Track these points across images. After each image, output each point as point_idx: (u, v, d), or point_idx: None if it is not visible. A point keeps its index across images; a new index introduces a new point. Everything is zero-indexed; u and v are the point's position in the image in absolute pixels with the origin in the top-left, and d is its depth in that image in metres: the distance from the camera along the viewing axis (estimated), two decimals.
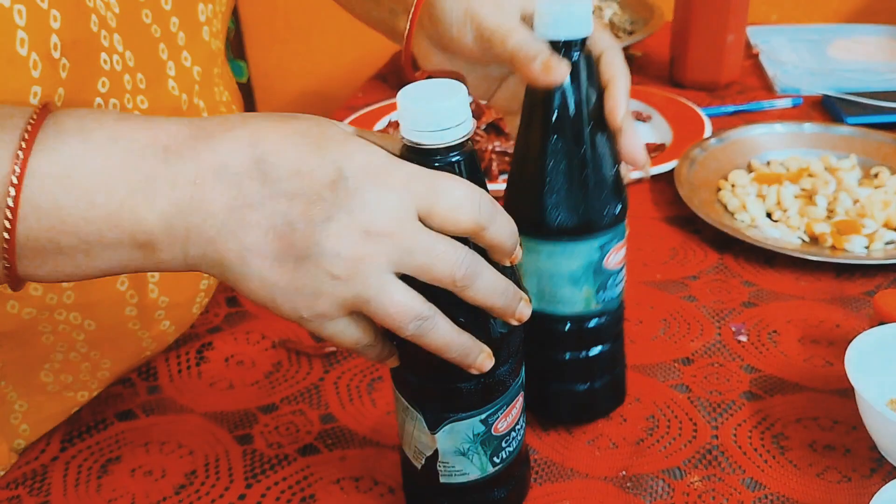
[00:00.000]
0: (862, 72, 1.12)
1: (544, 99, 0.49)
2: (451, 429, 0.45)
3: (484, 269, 0.40)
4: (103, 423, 0.60)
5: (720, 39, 1.07)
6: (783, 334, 0.66)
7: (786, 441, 0.56)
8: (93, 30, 0.48)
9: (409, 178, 0.38)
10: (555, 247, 0.51)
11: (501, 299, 0.41)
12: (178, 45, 0.56)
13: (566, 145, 0.49)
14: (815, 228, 0.77)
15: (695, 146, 0.89)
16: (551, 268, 0.51)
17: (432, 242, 0.38)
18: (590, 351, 0.55)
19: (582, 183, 0.50)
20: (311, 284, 0.38)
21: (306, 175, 0.37)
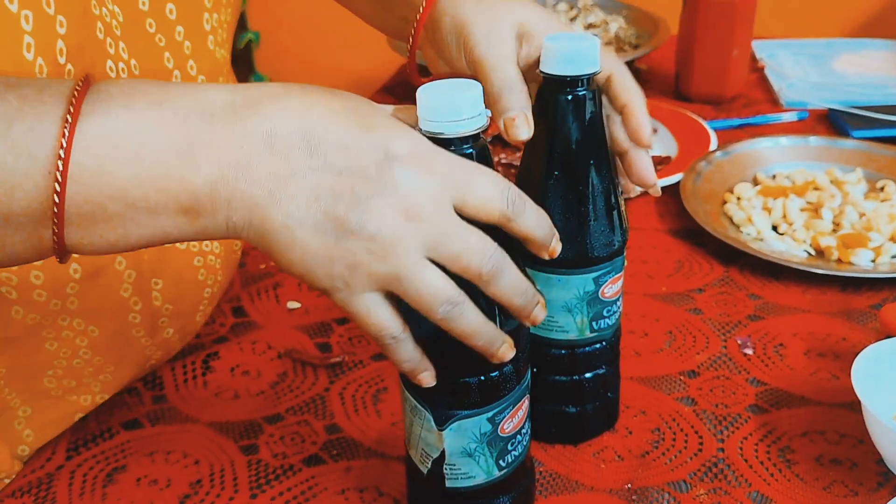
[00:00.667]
0: (867, 86, 1.12)
1: (548, 133, 0.49)
2: (458, 427, 0.45)
3: (509, 266, 0.40)
4: (109, 432, 0.60)
5: (725, 53, 1.08)
6: (789, 347, 0.66)
7: (792, 455, 0.56)
8: (98, 37, 0.49)
9: (448, 167, 0.39)
10: (549, 277, 0.51)
11: (521, 298, 0.42)
12: (184, 53, 0.56)
13: (566, 181, 0.50)
14: (820, 242, 0.77)
15: (700, 159, 0.90)
16: (546, 295, 0.51)
17: (466, 232, 0.39)
18: (583, 375, 0.55)
19: (580, 218, 0.50)
20: (349, 257, 0.38)
21: (353, 152, 0.38)
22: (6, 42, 0.43)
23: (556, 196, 0.50)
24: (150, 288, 0.57)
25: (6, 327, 0.52)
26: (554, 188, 0.50)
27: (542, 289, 0.50)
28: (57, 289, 0.52)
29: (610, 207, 0.51)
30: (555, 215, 0.49)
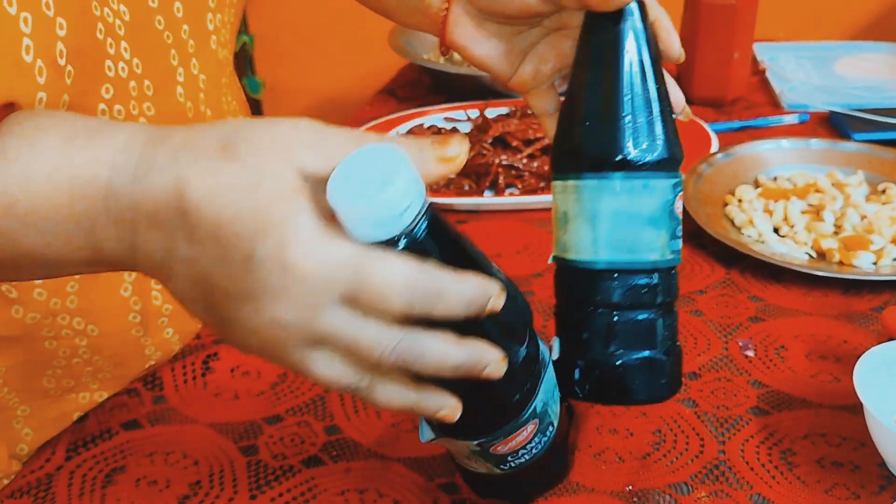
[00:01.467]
0: (869, 88, 1.12)
1: (616, 32, 0.47)
2: (447, 441, 0.45)
3: (427, 347, 0.36)
4: (108, 432, 0.60)
5: (727, 56, 1.08)
6: (790, 350, 0.66)
7: (794, 457, 0.56)
8: (98, 37, 0.49)
9: (325, 268, 0.35)
10: (636, 182, 0.47)
11: (455, 371, 0.37)
12: (188, 52, 0.56)
13: (642, 78, 0.47)
14: (822, 244, 0.77)
15: (701, 161, 0.89)
16: (631, 208, 0.47)
17: (347, 334, 0.36)
18: (670, 309, 0.50)
19: (663, 115, 0.48)
20: (239, 343, 0.38)
21: (222, 246, 0.35)
22: (5, 44, 0.43)
23: (637, 95, 0.47)
24: (150, 288, 0.57)
25: (6, 326, 0.52)
26: (632, 86, 0.47)
27: (627, 201, 0.47)
28: (57, 288, 0.52)
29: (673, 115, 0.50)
30: (640, 116, 0.47)
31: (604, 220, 0.48)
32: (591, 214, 0.48)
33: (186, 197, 0.35)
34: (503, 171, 0.91)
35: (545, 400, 0.46)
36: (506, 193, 0.90)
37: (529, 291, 0.74)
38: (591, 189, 0.48)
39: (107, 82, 0.50)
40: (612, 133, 0.47)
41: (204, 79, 0.58)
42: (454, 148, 0.38)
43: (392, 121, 1.05)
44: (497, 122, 0.98)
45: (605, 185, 0.47)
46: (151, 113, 0.54)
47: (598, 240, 0.48)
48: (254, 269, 0.35)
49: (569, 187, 0.49)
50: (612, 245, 0.48)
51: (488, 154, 0.93)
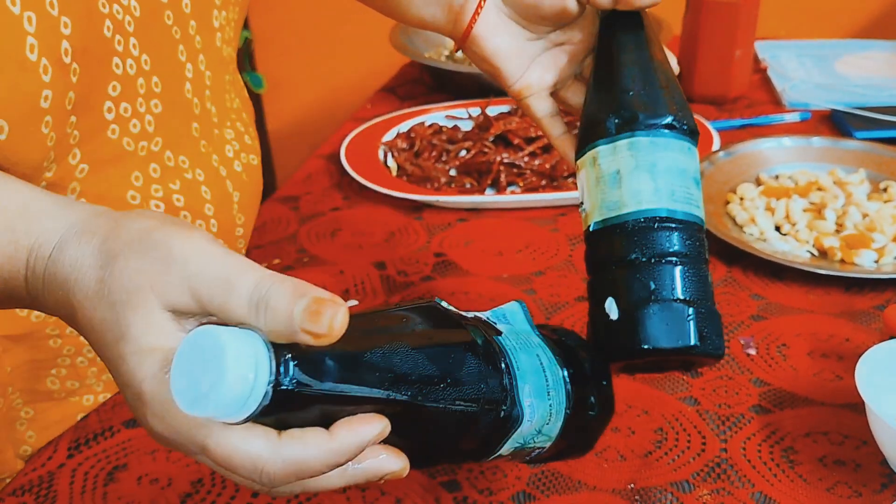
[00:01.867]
0: (870, 87, 1.12)
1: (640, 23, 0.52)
2: None
3: (309, 488, 0.35)
4: (110, 430, 0.60)
5: (728, 54, 1.07)
6: (792, 348, 0.66)
7: (795, 455, 0.56)
8: (106, 35, 0.49)
9: (176, 435, 0.34)
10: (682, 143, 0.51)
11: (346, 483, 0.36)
12: (195, 48, 0.57)
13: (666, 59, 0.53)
14: (824, 242, 0.77)
15: (703, 159, 0.89)
16: (682, 164, 0.51)
17: (225, 473, 0.34)
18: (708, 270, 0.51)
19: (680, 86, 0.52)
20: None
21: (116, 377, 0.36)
22: (9, 43, 0.43)
23: (666, 71, 0.52)
24: None
25: (12, 325, 0.52)
26: (662, 65, 0.52)
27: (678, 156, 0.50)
28: None
29: None
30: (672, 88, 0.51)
31: (662, 172, 0.50)
32: (649, 166, 0.50)
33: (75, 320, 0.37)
34: (505, 169, 0.91)
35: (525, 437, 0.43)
36: (507, 191, 0.90)
37: (531, 290, 0.74)
38: (648, 145, 0.50)
39: (114, 80, 0.50)
40: (659, 99, 0.51)
41: (210, 75, 0.59)
42: (323, 323, 0.32)
43: (393, 119, 1.05)
44: (499, 120, 0.98)
45: (660, 141, 0.50)
46: (158, 110, 0.54)
47: (658, 189, 0.50)
48: (126, 395, 0.35)
49: (620, 147, 0.50)
50: (671, 195, 0.50)
51: (490, 152, 0.93)
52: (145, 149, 0.55)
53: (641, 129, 0.50)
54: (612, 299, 0.50)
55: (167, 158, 0.56)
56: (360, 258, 0.80)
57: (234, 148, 0.64)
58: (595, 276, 0.52)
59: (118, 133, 0.52)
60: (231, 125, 0.64)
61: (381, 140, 1.00)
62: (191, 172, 0.58)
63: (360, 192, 0.92)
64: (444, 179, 0.92)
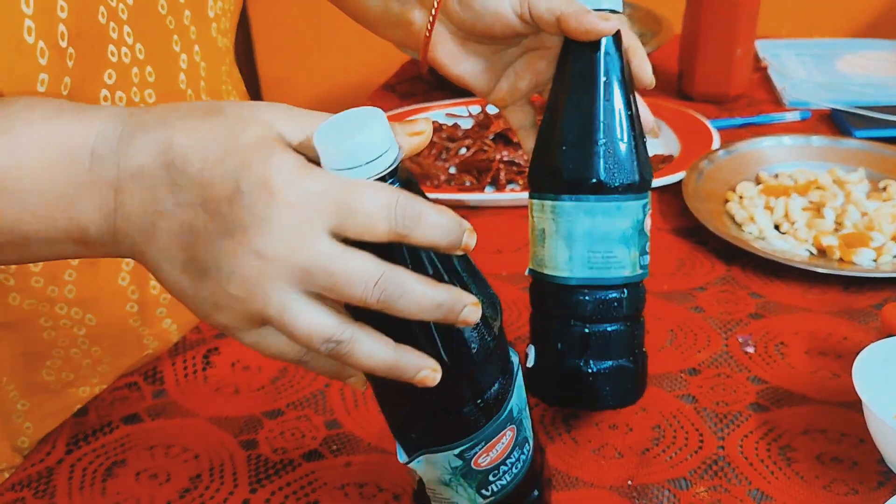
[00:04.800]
0: (870, 86, 1.12)
1: (593, 60, 0.50)
2: (426, 459, 0.43)
3: (408, 285, 0.36)
4: (109, 426, 0.60)
5: (729, 52, 1.07)
6: (790, 346, 0.66)
7: (793, 453, 0.56)
8: (100, 21, 0.49)
9: (314, 193, 0.35)
10: (608, 206, 0.51)
11: (435, 312, 0.37)
12: (190, 38, 0.57)
13: (617, 105, 0.50)
14: (822, 241, 0.77)
15: (703, 158, 0.89)
16: (606, 228, 0.51)
17: (336, 263, 0.35)
18: (637, 320, 0.54)
19: (635, 140, 0.51)
20: (212, 298, 0.37)
21: (207, 187, 0.36)
22: (7, 25, 0.43)
23: (612, 121, 0.50)
24: (148, 277, 0.57)
25: (4, 313, 0.52)
26: (609, 114, 0.50)
27: (602, 220, 0.51)
28: (55, 275, 0.52)
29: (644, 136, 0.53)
30: (613, 142, 0.50)
31: (579, 240, 0.51)
32: (567, 233, 0.51)
33: (173, 147, 0.36)
34: (504, 167, 0.92)
35: (520, 406, 0.44)
36: (507, 189, 0.90)
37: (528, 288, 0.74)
38: (568, 210, 0.51)
39: (110, 68, 0.50)
40: (588, 158, 0.50)
41: (205, 66, 0.59)
42: (421, 125, 0.40)
43: (393, 117, 1.05)
44: (498, 118, 0.98)
45: (580, 206, 0.51)
46: (152, 100, 0.54)
47: (573, 258, 0.52)
48: (239, 202, 0.35)
49: (546, 206, 0.52)
50: (586, 263, 0.52)
51: (490, 150, 0.93)
52: None
53: (565, 192, 0.51)
54: (532, 347, 0.55)
55: None
56: None
57: None
58: (532, 313, 0.56)
59: None
60: None
61: None
62: None
63: None
64: (444, 177, 0.92)
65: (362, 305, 0.36)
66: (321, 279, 0.35)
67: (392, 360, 0.37)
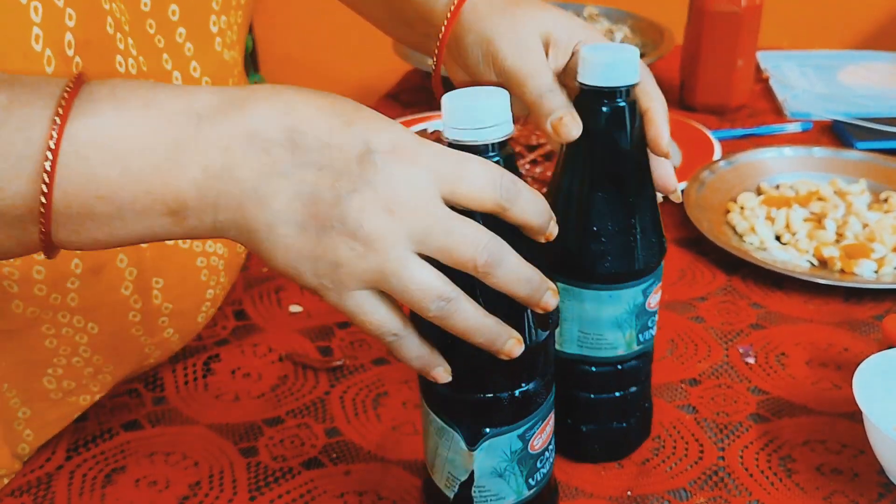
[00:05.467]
0: (872, 97, 1.12)
1: (591, 147, 0.48)
2: (489, 446, 0.44)
3: (508, 255, 0.39)
4: (109, 432, 0.60)
5: (730, 63, 1.08)
6: (791, 357, 0.66)
7: (793, 464, 0.56)
8: (108, 31, 0.49)
9: (434, 158, 0.39)
10: (599, 294, 0.50)
11: (526, 287, 0.40)
12: (185, 55, 0.57)
13: (613, 195, 0.48)
14: (823, 252, 0.77)
15: (704, 168, 0.90)
16: (596, 313, 0.50)
17: (454, 224, 0.38)
18: (628, 390, 0.54)
19: (630, 231, 0.49)
20: (333, 254, 0.38)
21: (335, 148, 0.38)
22: (15, 32, 0.43)
23: (604, 210, 0.49)
24: (151, 286, 0.57)
25: (6, 320, 0.52)
26: (603, 202, 0.49)
27: (591, 308, 0.50)
28: (57, 284, 0.52)
29: (655, 216, 0.50)
30: (605, 232, 0.49)
31: (569, 320, 0.51)
32: (566, 314, 0.51)
33: (296, 111, 0.38)
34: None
35: (554, 393, 0.48)
36: None
37: None
38: (560, 290, 0.50)
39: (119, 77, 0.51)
40: (578, 246, 0.49)
41: (208, 80, 0.59)
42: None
43: None
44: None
45: (572, 291, 0.51)
46: None
47: (564, 334, 0.52)
48: (370, 159, 0.38)
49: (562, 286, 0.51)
50: (575, 341, 0.52)
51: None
52: None
53: (556, 271, 0.49)
54: None
55: None
56: None
57: None
58: None
59: None
60: None
61: None
62: None
63: None
64: None
65: (468, 269, 0.39)
66: (439, 238, 0.38)
67: (489, 326, 0.40)
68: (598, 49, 0.47)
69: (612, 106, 0.47)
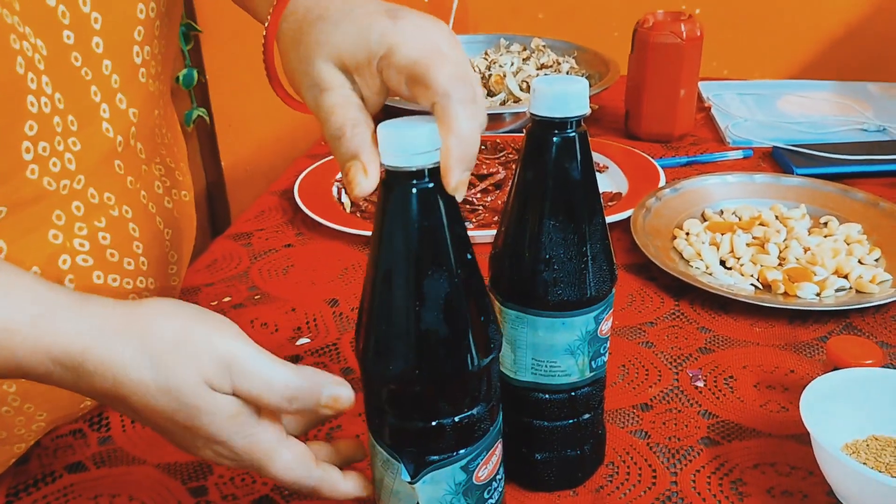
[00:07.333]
0: (810, 125, 1.16)
1: (541, 177, 0.49)
2: (432, 478, 0.44)
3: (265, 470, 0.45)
4: (52, 475, 0.58)
5: (673, 93, 1.10)
6: (739, 380, 0.67)
7: (744, 487, 0.56)
8: (18, 72, 0.48)
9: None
10: (553, 322, 0.50)
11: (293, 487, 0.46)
12: (111, 87, 0.56)
13: (565, 223, 0.49)
14: (767, 276, 0.79)
15: (650, 196, 0.91)
16: (549, 341, 0.51)
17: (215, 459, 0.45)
18: (581, 417, 0.55)
19: (582, 259, 0.49)
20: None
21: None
22: None
23: (556, 239, 0.49)
24: None
25: None
26: (555, 231, 0.49)
27: (544, 334, 0.50)
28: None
29: (606, 244, 0.51)
30: (557, 258, 0.49)
31: (522, 347, 0.52)
32: (511, 338, 0.52)
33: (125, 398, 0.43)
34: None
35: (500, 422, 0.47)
36: None
37: None
38: (511, 317, 0.51)
39: (30, 119, 0.49)
40: (534, 277, 0.50)
41: (135, 112, 0.58)
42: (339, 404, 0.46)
43: None
44: None
45: (522, 318, 0.51)
46: (77, 148, 0.54)
47: (517, 361, 0.52)
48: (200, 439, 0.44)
49: (496, 304, 0.52)
50: (529, 369, 0.52)
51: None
52: (67, 187, 0.54)
53: (509, 300, 0.51)
54: None
55: (90, 195, 0.56)
56: (313, 295, 0.79)
57: (163, 184, 0.63)
58: None
59: (38, 173, 0.51)
60: (161, 161, 0.64)
61: (335, 177, 1.00)
62: (117, 209, 0.58)
63: (312, 228, 0.91)
64: None
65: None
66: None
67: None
68: (548, 81, 0.48)
69: (562, 136, 0.48)
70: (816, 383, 0.57)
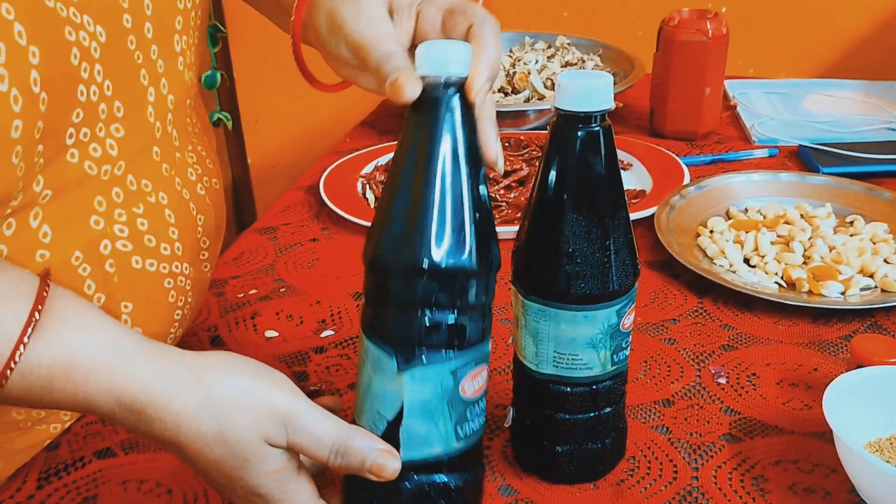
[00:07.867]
0: (836, 124, 1.15)
1: (565, 171, 0.49)
2: (422, 374, 0.45)
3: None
4: (81, 461, 0.59)
5: (699, 91, 1.10)
6: (762, 377, 0.67)
7: (766, 483, 0.56)
8: (73, 63, 0.49)
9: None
10: (575, 315, 0.51)
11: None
12: (157, 72, 0.58)
13: (588, 217, 0.49)
14: (791, 274, 0.79)
15: (674, 193, 0.91)
16: (571, 334, 0.51)
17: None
18: (603, 410, 0.55)
19: (605, 252, 0.50)
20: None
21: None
22: None
23: (580, 232, 0.49)
24: (120, 311, 0.57)
25: None
26: (578, 224, 0.49)
27: (566, 328, 0.51)
28: None
29: (629, 238, 0.51)
30: (580, 251, 0.49)
31: (544, 340, 0.52)
32: (533, 332, 0.52)
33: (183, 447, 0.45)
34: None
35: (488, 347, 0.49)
36: None
37: (505, 319, 0.75)
38: (534, 311, 0.52)
39: (78, 107, 0.51)
40: (553, 267, 0.50)
41: (172, 99, 0.59)
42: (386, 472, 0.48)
43: (372, 152, 1.06)
44: None
45: (545, 311, 0.52)
46: (120, 134, 0.55)
47: (539, 354, 0.53)
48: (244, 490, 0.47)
49: (518, 298, 0.53)
50: (551, 361, 0.53)
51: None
52: (108, 172, 0.55)
53: (532, 293, 0.51)
54: (511, 409, 0.58)
55: (129, 182, 0.57)
56: (337, 288, 0.80)
57: (196, 171, 0.65)
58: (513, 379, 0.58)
59: (78, 157, 0.53)
60: (193, 149, 0.65)
61: (360, 173, 1.01)
62: (154, 196, 0.59)
63: (337, 223, 0.92)
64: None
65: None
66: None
67: None
68: (573, 75, 0.49)
69: (586, 130, 0.48)
70: (839, 381, 0.56)
